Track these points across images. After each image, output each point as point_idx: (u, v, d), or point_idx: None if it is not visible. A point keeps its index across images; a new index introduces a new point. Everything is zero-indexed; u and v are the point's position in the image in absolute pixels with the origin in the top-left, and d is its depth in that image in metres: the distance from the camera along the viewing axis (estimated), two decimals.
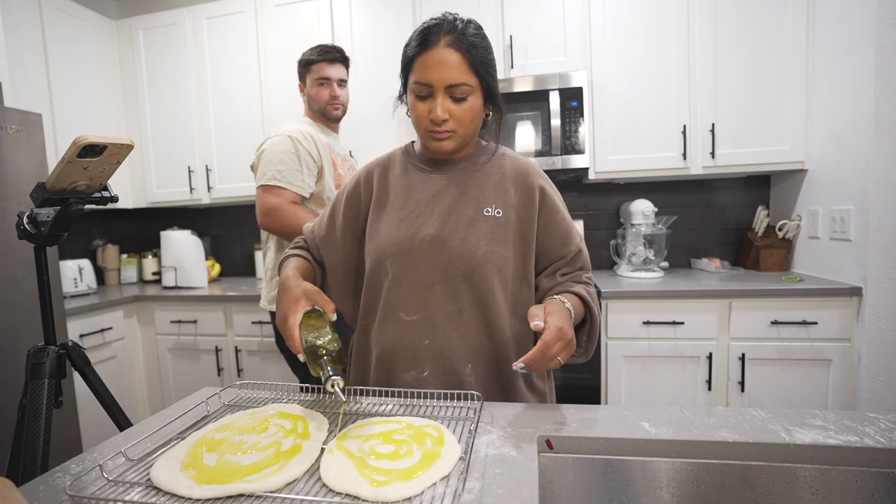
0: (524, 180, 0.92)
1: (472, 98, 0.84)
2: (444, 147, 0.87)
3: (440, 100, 0.83)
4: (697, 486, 0.64)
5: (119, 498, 0.54)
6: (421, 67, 0.83)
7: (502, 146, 0.98)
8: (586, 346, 0.88)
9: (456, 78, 0.81)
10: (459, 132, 0.86)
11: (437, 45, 0.81)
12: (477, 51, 0.83)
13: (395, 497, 0.52)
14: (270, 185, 1.54)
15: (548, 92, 2.06)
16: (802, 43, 1.95)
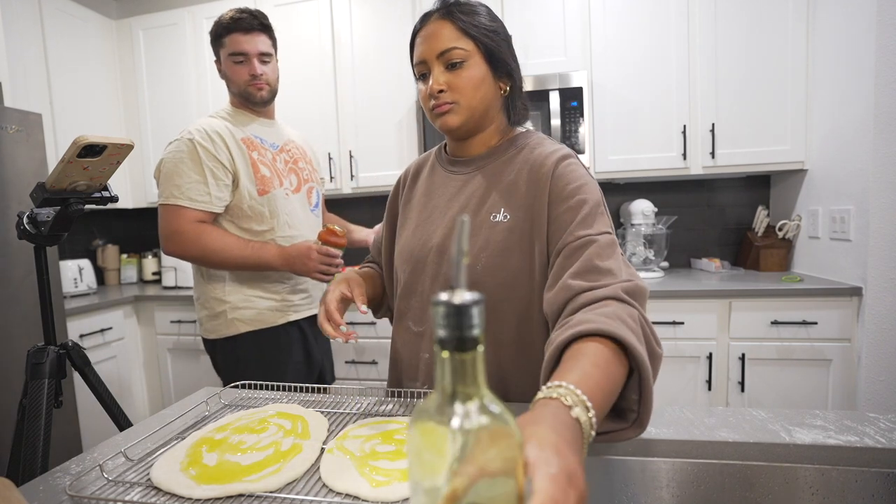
0: (539, 170, 0.78)
1: (471, 64, 0.78)
2: (447, 122, 0.80)
3: (435, 71, 0.78)
4: (697, 486, 0.64)
5: (119, 498, 0.54)
6: (416, 49, 0.81)
7: (539, 134, 0.87)
8: (639, 415, 0.54)
9: (445, 43, 0.77)
10: (462, 103, 0.79)
11: (429, 21, 0.80)
12: (468, 16, 0.78)
13: (395, 497, 0.52)
14: (168, 205, 1.28)
15: (548, 92, 2.06)
16: (802, 43, 1.94)
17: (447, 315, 0.29)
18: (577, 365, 0.50)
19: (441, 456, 0.29)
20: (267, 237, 1.36)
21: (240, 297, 1.36)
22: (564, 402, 0.43)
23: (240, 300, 1.36)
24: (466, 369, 0.30)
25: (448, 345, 0.30)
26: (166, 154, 1.32)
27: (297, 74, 2.42)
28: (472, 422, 0.29)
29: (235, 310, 1.36)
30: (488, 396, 0.30)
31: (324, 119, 2.39)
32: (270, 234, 1.37)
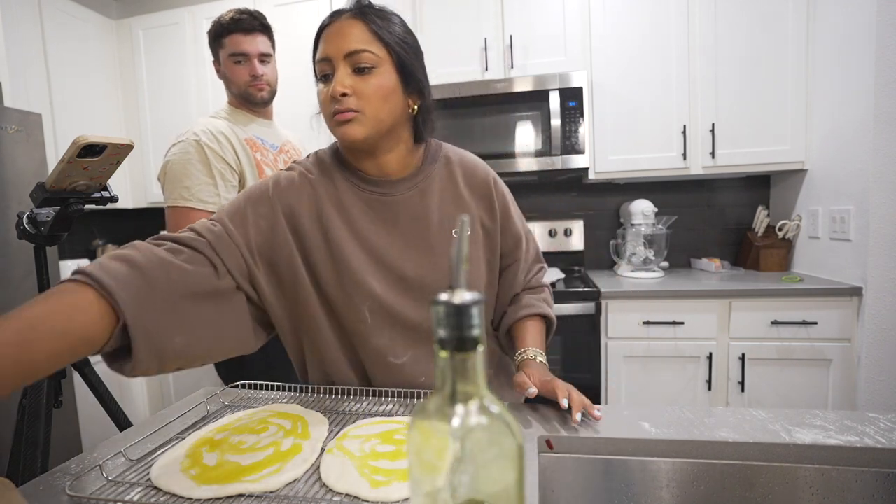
0: (478, 183, 0.84)
1: (381, 72, 0.72)
2: (349, 133, 0.72)
3: (340, 72, 0.71)
4: (697, 486, 0.64)
5: (119, 498, 0.54)
6: (321, 45, 0.75)
7: (443, 145, 0.88)
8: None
9: (355, 44, 0.71)
10: (368, 113, 0.72)
11: (339, 19, 0.75)
12: (383, 21, 0.74)
13: (395, 497, 0.52)
14: (178, 207, 1.28)
15: (548, 92, 2.06)
16: (802, 43, 1.94)
17: (447, 315, 0.29)
18: (529, 334, 0.85)
19: (441, 456, 0.29)
20: None
21: None
22: (537, 357, 0.81)
23: None
24: (466, 369, 0.30)
25: (448, 345, 0.30)
26: (172, 156, 1.29)
27: (296, 75, 2.42)
28: (472, 422, 0.29)
29: None
30: (488, 396, 0.31)
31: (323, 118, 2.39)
32: None
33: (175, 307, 0.61)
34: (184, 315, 0.62)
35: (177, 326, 0.61)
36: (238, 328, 0.71)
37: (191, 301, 0.63)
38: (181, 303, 0.62)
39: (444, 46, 2.22)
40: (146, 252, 0.63)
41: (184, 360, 0.63)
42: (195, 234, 0.70)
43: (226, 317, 0.69)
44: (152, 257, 0.62)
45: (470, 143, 2.13)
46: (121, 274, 0.57)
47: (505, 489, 0.30)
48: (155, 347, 0.58)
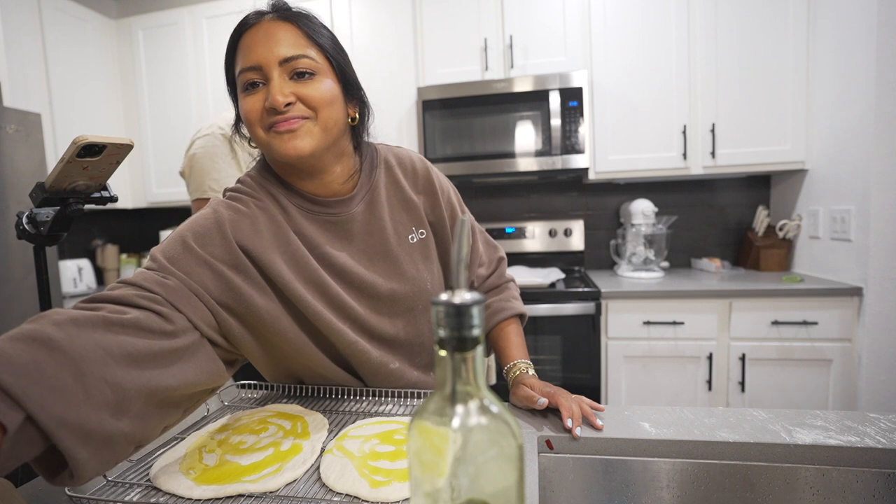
0: (420, 180, 0.82)
1: (325, 79, 0.66)
2: (297, 147, 0.64)
3: (276, 80, 0.63)
4: (698, 486, 0.64)
5: (119, 498, 0.54)
6: (244, 50, 0.65)
7: (377, 148, 0.82)
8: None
9: (291, 49, 0.64)
10: (317, 120, 0.65)
11: (262, 21, 0.66)
12: (314, 24, 0.67)
13: (395, 497, 0.52)
14: (206, 199, 1.28)
15: (548, 92, 2.06)
16: (802, 43, 1.94)
17: (447, 315, 0.29)
18: (513, 345, 0.86)
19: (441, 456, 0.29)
20: None
21: None
22: (528, 370, 0.82)
23: None
24: (466, 369, 0.30)
25: (448, 345, 0.29)
26: (198, 149, 1.30)
27: None
28: (472, 422, 0.29)
29: None
30: (488, 397, 0.30)
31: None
32: None
33: (113, 378, 0.47)
34: (127, 386, 0.48)
35: (120, 403, 0.47)
36: (208, 375, 0.61)
37: (139, 368, 0.51)
38: (123, 372, 0.48)
39: (444, 46, 2.22)
40: (66, 325, 0.46)
41: (142, 438, 0.52)
42: (140, 289, 0.58)
43: (190, 372, 0.58)
44: (79, 329, 0.47)
45: (470, 143, 2.13)
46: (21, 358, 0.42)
47: (505, 489, 0.30)
48: (94, 438, 0.44)
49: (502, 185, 2.56)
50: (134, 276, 0.61)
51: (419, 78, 2.26)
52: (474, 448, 0.29)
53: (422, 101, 2.16)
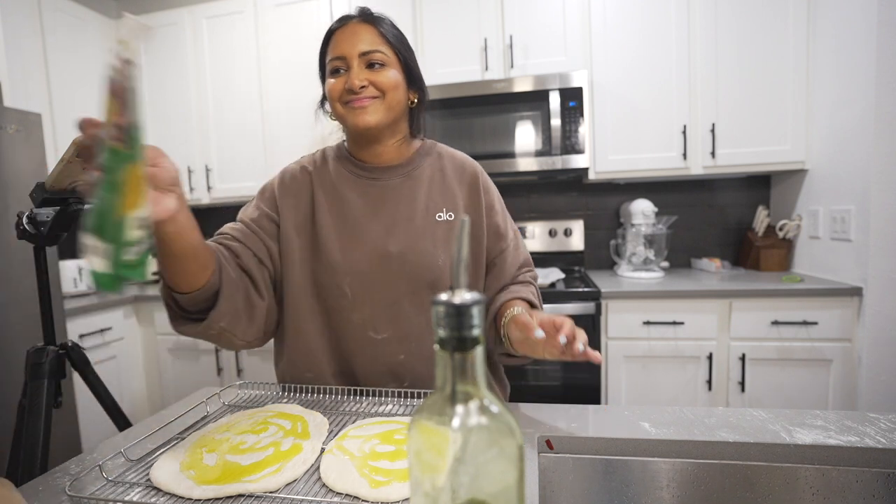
0: (466, 176, 0.91)
1: (391, 69, 0.82)
2: (365, 118, 0.81)
3: (356, 68, 0.80)
4: (697, 486, 0.64)
5: (119, 498, 0.54)
6: (333, 45, 0.83)
7: (437, 144, 0.96)
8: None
9: (369, 45, 0.81)
10: (381, 103, 0.82)
11: (349, 22, 0.83)
12: (389, 26, 0.84)
13: (395, 497, 0.52)
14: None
15: (548, 92, 2.06)
16: (802, 43, 1.94)
17: (447, 315, 0.29)
18: (515, 306, 0.82)
19: (441, 456, 0.29)
20: None
21: None
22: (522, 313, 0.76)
23: None
24: (466, 369, 0.30)
25: (448, 344, 0.30)
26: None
27: (297, 74, 2.42)
28: (472, 422, 0.29)
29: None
30: (488, 396, 0.30)
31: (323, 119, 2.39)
32: None
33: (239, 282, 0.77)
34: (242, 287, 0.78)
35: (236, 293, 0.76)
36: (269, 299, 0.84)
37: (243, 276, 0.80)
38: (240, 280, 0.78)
39: (444, 46, 2.22)
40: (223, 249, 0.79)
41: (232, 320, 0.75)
42: (229, 235, 0.84)
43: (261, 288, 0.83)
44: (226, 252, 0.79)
45: (470, 143, 2.13)
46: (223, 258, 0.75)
47: (505, 489, 0.30)
48: (230, 305, 0.74)
49: (502, 185, 2.54)
50: (226, 226, 0.86)
51: None
52: (474, 448, 0.29)
53: None
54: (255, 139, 2.50)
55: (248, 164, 2.53)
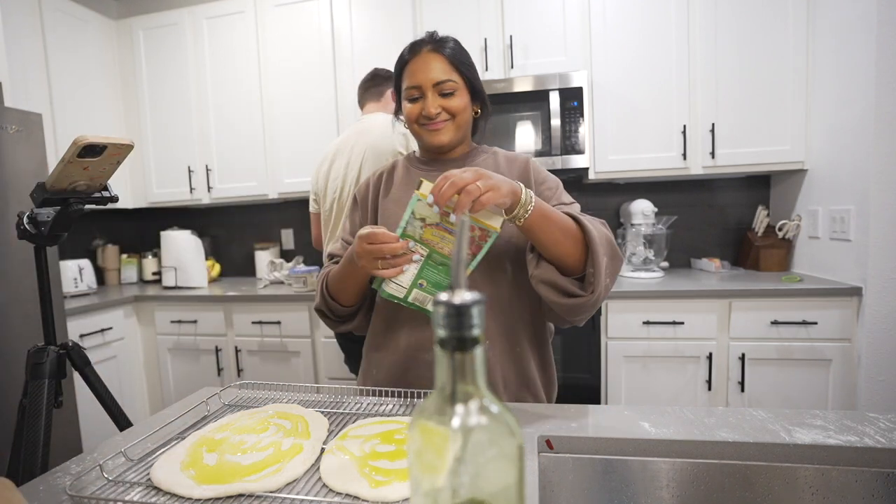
0: (517, 164, 0.99)
1: (459, 94, 0.93)
2: (440, 138, 0.94)
3: (430, 97, 0.91)
4: (697, 486, 0.64)
5: (119, 498, 0.54)
6: (409, 75, 0.93)
7: (494, 147, 1.06)
8: (592, 282, 0.76)
9: (441, 76, 0.91)
10: (452, 124, 0.94)
11: (421, 53, 0.92)
12: (455, 53, 0.93)
13: (395, 497, 0.52)
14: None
15: (548, 92, 2.06)
16: (802, 43, 1.94)
17: (448, 315, 0.29)
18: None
19: (441, 456, 0.29)
20: None
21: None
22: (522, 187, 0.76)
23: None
24: (466, 369, 0.30)
25: (448, 345, 0.30)
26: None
27: (297, 74, 2.42)
28: (472, 422, 0.29)
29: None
30: (488, 396, 0.31)
31: (324, 119, 2.40)
32: None
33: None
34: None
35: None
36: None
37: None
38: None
39: None
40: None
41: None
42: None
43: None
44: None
45: None
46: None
47: (505, 489, 0.30)
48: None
49: None
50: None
51: None
52: (474, 448, 0.29)
53: None
54: (256, 139, 2.50)
55: (248, 164, 2.53)
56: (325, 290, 0.95)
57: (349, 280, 0.90)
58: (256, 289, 2.39)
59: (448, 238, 0.77)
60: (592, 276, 0.76)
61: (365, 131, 1.68)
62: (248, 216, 2.92)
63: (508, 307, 0.90)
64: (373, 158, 1.62)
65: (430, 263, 0.79)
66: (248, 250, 2.95)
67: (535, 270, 0.81)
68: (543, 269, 0.80)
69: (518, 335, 0.91)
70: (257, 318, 2.23)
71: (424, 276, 0.79)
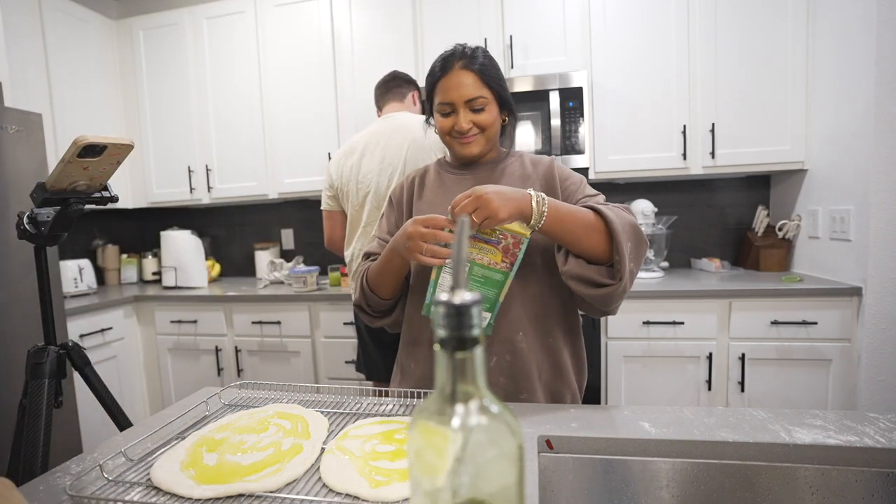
0: (543, 166, 1.03)
1: (489, 108, 0.96)
2: (471, 151, 0.98)
3: (462, 113, 0.95)
4: (697, 486, 0.64)
5: (119, 498, 0.54)
6: (442, 91, 0.96)
7: (519, 150, 1.10)
8: (619, 270, 0.80)
9: (472, 93, 0.94)
10: (486, 135, 0.98)
11: (453, 69, 0.95)
12: (487, 69, 0.96)
13: (394, 497, 0.52)
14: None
15: (548, 92, 2.06)
16: (802, 43, 1.94)
17: (447, 315, 0.29)
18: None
19: (441, 456, 0.29)
20: None
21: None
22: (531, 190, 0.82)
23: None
24: (466, 369, 0.30)
25: (448, 345, 0.30)
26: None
27: (297, 74, 2.42)
28: (472, 422, 0.29)
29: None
30: (488, 396, 0.31)
31: (324, 119, 2.40)
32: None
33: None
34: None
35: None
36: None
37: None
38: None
39: (444, 46, 2.20)
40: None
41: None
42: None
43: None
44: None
45: None
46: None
47: (505, 489, 0.30)
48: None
49: None
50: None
51: (419, 78, 2.26)
52: (474, 448, 0.29)
53: (421, 101, 2.16)
54: (256, 139, 2.50)
55: (248, 164, 2.53)
56: (365, 283, 0.98)
57: (390, 273, 0.93)
58: (256, 289, 2.39)
59: (485, 248, 0.82)
60: (619, 264, 0.80)
61: (401, 127, 1.63)
62: (248, 216, 2.92)
63: (540, 298, 0.93)
64: (418, 153, 1.57)
65: (472, 277, 0.82)
66: (248, 250, 2.95)
67: (565, 266, 0.86)
68: (572, 264, 0.84)
69: (551, 326, 0.94)
70: (257, 318, 2.23)
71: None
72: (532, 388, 0.90)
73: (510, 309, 0.90)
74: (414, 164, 1.57)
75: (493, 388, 0.90)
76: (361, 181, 1.65)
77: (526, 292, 0.92)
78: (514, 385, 0.90)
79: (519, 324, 0.91)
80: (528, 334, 0.91)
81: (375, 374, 1.68)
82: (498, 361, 0.91)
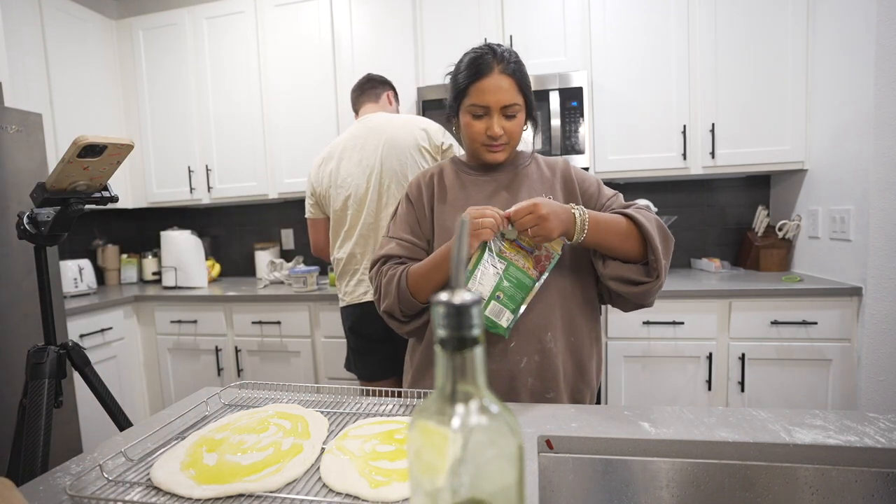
0: (559, 169, 1.05)
1: (520, 115, 0.98)
2: (497, 159, 1.00)
3: (496, 118, 0.95)
4: (697, 486, 0.64)
5: (119, 498, 0.54)
6: (477, 92, 0.95)
7: (537, 154, 1.11)
8: (655, 267, 0.88)
9: (509, 99, 0.94)
10: (511, 144, 0.99)
11: (492, 73, 0.94)
12: (522, 75, 0.97)
13: (394, 497, 0.52)
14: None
15: (548, 92, 2.06)
16: (802, 43, 1.94)
17: (447, 315, 0.29)
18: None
19: (441, 456, 0.29)
20: None
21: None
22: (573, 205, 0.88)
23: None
24: (466, 369, 0.30)
25: (448, 345, 0.30)
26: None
27: (296, 74, 2.42)
28: (472, 422, 0.29)
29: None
30: (488, 396, 0.31)
31: (324, 119, 2.40)
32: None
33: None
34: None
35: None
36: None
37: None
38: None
39: (443, 46, 2.22)
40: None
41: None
42: (403, 257, 1.02)
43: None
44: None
45: None
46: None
47: (505, 489, 0.30)
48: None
49: None
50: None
51: (419, 78, 2.26)
52: (474, 448, 0.29)
53: (422, 100, 2.16)
54: (256, 139, 2.50)
55: (248, 164, 2.53)
56: (404, 286, 0.94)
57: (439, 273, 0.91)
58: (256, 289, 2.39)
59: (521, 252, 0.87)
60: (655, 262, 0.87)
61: (376, 128, 1.66)
62: (248, 216, 2.92)
63: (568, 299, 0.95)
64: (393, 152, 1.60)
65: (507, 276, 0.85)
66: (248, 250, 2.94)
67: (604, 270, 0.92)
68: (611, 267, 0.91)
69: (576, 326, 0.95)
70: (257, 318, 2.23)
71: (501, 289, 0.85)
72: (558, 388, 0.92)
73: (539, 309, 0.91)
74: (390, 163, 1.60)
75: (522, 389, 0.91)
76: (341, 185, 1.68)
77: (554, 292, 0.93)
78: (542, 385, 0.92)
79: (548, 324, 0.92)
80: (556, 334, 0.93)
81: (367, 373, 1.69)
82: (528, 362, 0.91)
